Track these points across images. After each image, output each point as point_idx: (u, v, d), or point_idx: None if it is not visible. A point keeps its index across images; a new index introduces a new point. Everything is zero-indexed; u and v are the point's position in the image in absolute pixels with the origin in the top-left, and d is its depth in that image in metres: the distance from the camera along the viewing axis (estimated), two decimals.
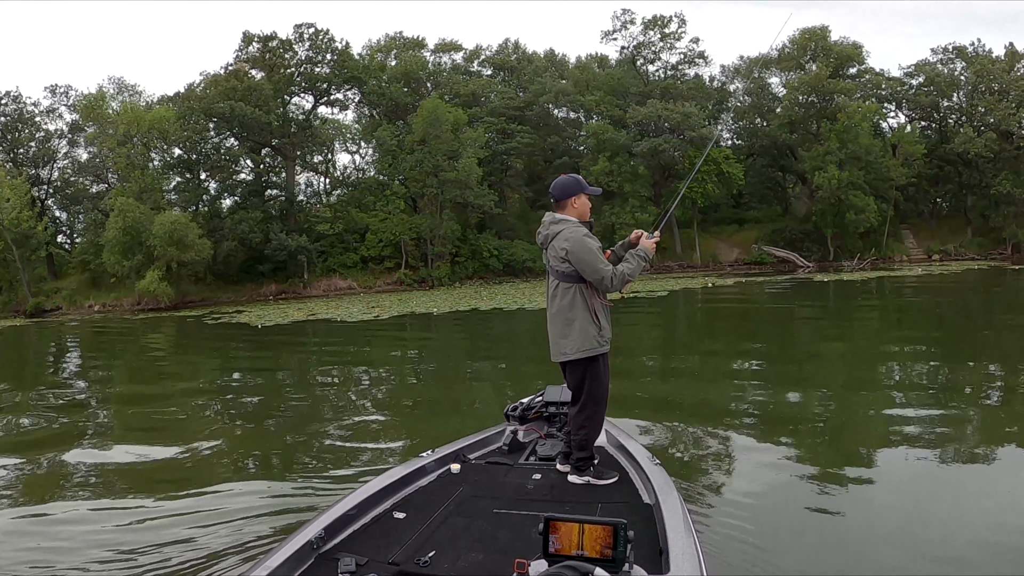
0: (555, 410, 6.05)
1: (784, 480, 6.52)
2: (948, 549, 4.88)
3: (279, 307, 38.49)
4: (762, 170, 60.90)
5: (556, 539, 3.08)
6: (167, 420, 11.21)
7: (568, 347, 4.87)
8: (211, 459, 8.53)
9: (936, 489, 6.19)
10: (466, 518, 4.21)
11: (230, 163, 51.95)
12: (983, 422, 8.48)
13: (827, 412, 9.43)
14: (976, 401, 9.64)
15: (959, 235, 56.63)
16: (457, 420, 9.42)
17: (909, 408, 9.21)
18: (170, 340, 27.56)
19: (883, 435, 7.93)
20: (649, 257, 4.97)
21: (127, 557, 5.33)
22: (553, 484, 4.87)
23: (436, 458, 5.15)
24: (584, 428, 4.90)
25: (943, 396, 9.95)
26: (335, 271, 50.16)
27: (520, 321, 25.42)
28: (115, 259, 44.06)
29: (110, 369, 19.62)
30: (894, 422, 8.49)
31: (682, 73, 59.29)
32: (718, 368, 13.50)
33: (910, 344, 15.45)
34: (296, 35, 53.28)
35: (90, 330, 33.87)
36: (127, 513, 6.44)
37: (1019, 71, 55.30)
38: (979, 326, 18.68)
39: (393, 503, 4.50)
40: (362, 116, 60.46)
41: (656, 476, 4.52)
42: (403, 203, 50.71)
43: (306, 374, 15.76)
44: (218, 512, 6.21)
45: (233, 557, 5.15)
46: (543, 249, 5.09)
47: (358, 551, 3.71)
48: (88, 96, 51.86)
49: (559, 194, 5.04)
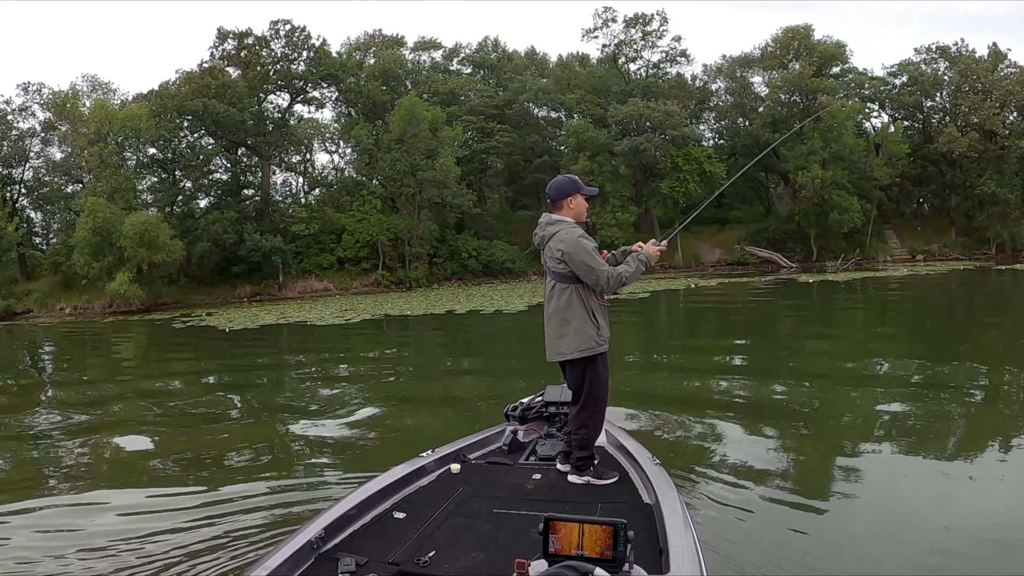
0: (555, 410, 6.06)
1: (782, 479, 6.56)
2: (936, 545, 4.95)
3: (252, 310, 37.74)
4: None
5: (556, 539, 3.08)
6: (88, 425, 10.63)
7: (565, 347, 4.89)
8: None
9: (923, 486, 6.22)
10: (466, 518, 4.21)
11: (204, 162, 51.02)
12: (967, 419, 8.59)
13: (821, 411, 9.41)
14: (960, 399, 9.62)
15: (943, 235, 56.42)
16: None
17: (899, 406, 9.23)
18: (131, 344, 26.82)
19: (874, 433, 8.01)
20: (651, 263, 5.03)
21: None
22: (553, 484, 4.88)
23: (436, 458, 5.14)
24: (584, 428, 4.93)
25: (936, 396, 9.85)
26: (311, 272, 49.40)
27: (498, 325, 24.71)
28: (85, 260, 43.20)
29: (50, 371, 18.85)
30: (886, 421, 8.51)
31: (664, 72, 59.04)
32: (702, 367, 13.25)
33: (904, 344, 15.41)
34: (272, 32, 52.54)
35: (55, 333, 33.19)
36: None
37: (1002, 71, 55.30)
38: (967, 325, 18.47)
39: (393, 503, 4.50)
40: (341, 115, 59.71)
41: (656, 476, 4.53)
42: (380, 203, 50.03)
43: (255, 383, 14.86)
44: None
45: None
46: (540, 250, 5.12)
47: (358, 551, 3.71)
48: (58, 94, 51.03)
49: (555, 195, 5.04)
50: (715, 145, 60.41)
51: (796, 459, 7.32)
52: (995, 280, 34.20)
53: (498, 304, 31.10)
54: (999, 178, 52.06)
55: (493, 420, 6.74)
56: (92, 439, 9.81)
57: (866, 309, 25.08)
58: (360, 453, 8.48)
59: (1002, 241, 53.49)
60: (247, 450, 8.76)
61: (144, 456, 8.83)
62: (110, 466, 8.49)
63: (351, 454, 8.50)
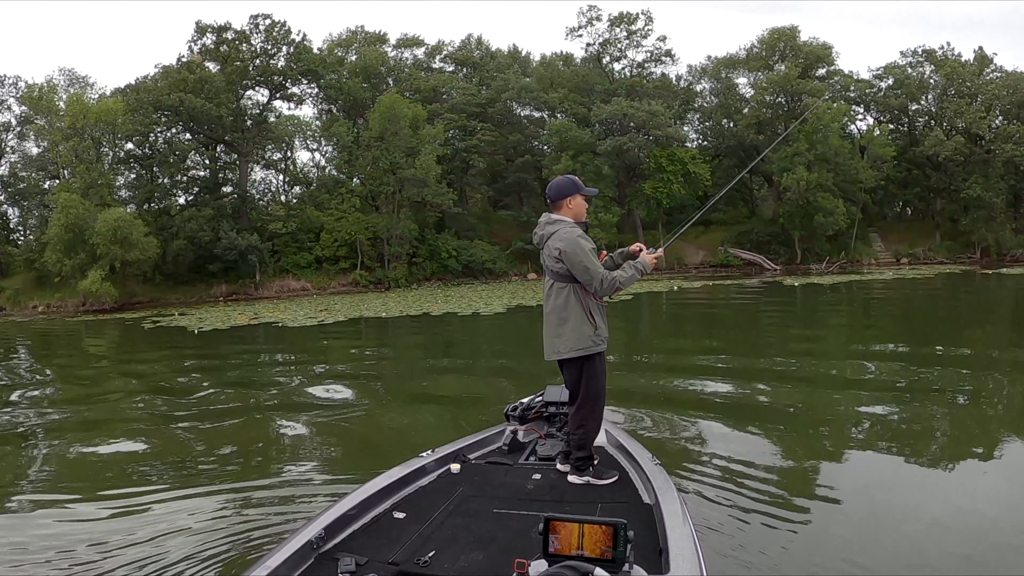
0: (555, 410, 6.07)
1: (782, 480, 6.55)
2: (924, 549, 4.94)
3: (226, 310, 37.05)
4: (729, 171, 59.87)
5: (556, 539, 3.08)
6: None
7: (561, 346, 4.92)
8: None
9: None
10: (466, 518, 4.20)
11: (181, 159, 50.30)
12: (950, 422, 8.61)
13: (816, 412, 9.41)
14: (945, 402, 9.59)
15: (927, 239, 56.29)
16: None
17: (899, 406, 9.25)
18: (94, 346, 26.04)
19: (874, 433, 8.03)
20: (647, 271, 5.05)
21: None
22: (553, 484, 4.86)
23: (436, 458, 5.12)
24: (582, 427, 4.94)
25: (931, 398, 9.80)
26: (288, 272, 48.81)
27: (475, 328, 24.08)
28: (57, 258, 42.56)
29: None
30: (886, 420, 8.56)
31: (648, 71, 58.72)
32: (686, 368, 13.21)
33: (894, 342, 15.39)
34: (251, 26, 51.84)
35: (28, 331, 32.44)
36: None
37: (988, 75, 55.27)
38: (966, 328, 18.23)
39: (393, 503, 4.48)
40: (322, 113, 59.04)
41: (656, 476, 4.52)
42: (360, 201, 49.40)
43: (208, 391, 14.13)
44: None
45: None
46: (539, 249, 5.14)
47: (358, 551, 3.70)
48: (33, 87, 50.24)
49: (555, 195, 5.07)
50: (699, 146, 60.20)
51: (796, 459, 7.30)
52: (982, 283, 34.12)
53: (476, 306, 30.56)
54: (984, 182, 51.93)
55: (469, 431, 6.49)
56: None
57: (852, 312, 24.73)
58: (326, 462, 8.08)
59: (987, 245, 53.36)
60: (238, 451, 8.60)
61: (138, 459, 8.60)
62: (96, 470, 8.22)
63: (322, 456, 8.40)
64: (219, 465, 8.05)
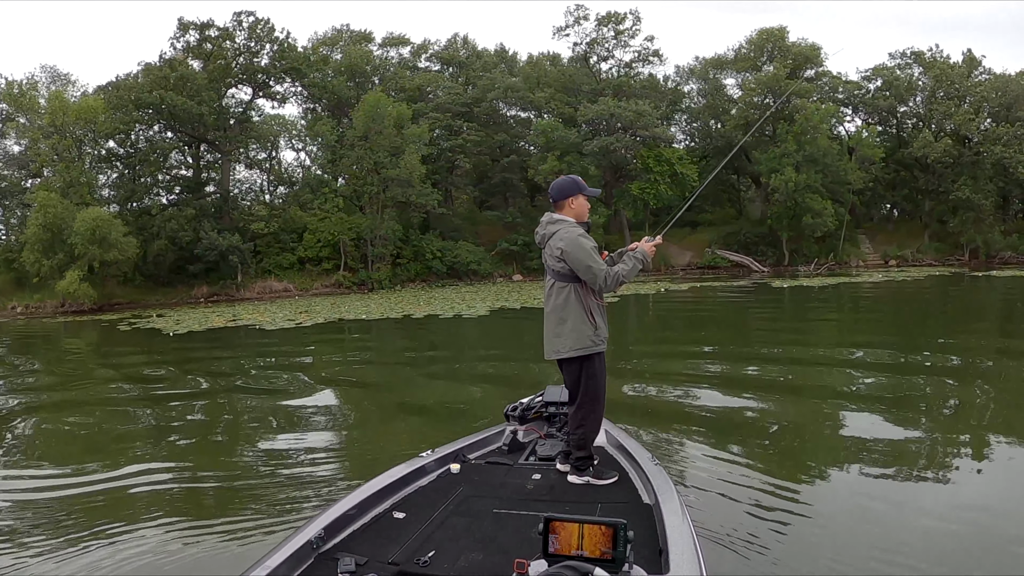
0: (555, 410, 6.07)
1: (783, 479, 6.51)
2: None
3: (205, 311, 36.45)
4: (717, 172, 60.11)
5: (556, 539, 3.07)
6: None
7: (561, 345, 4.94)
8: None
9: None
10: (466, 518, 4.21)
11: (162, 157, 49.64)
12: (942, 425, 8.62)
13: (813, 413, 9.48)
14: (932, 408, 9.62)
15: (915, 240, 56.23)
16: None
17: (897, 408, 9.25)
18: (65, 348, 25.54)
19: (864, 436, 7.94)
20: (647, 260, 5.06)
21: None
22: (553, 484, 4.87)
23: (436, 458, 5.12)
24: (582, 426, 4.95)
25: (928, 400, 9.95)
26: (271, 272, 48.18)
27: (458, 330, 23.63)
28: (35, 258, 41.84)
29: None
30: (872, 427, 8.42)
31: (636, 71, 58.36)
32: (678, 371, 13.04)
33: (889, 346, 15.27)
34: (235, 23, 51.15)
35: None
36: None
37: (977, 77, 55.28)
38: (962, 333, 17.80)
39: (393, 503, 4.48)
40: (307, 112, 58.48)
41: (656, 476, 4.53)
42: (343, 201, 48.85)
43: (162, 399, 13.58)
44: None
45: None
46: (540, 248, 5.16)
47: (358, 551, 3.70)
48: (12, 84, 49.57)
49: (557, 195, 5.09)
50: (687, 147, 59.96)
51: (795, 460, 7.32)
52: (972, 285, 33.94)
53: (459, 308, 30.06)
54: (973, 184, 51.98)
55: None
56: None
57: (840, 316, 24.49)
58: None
59: (976, 247, 53.34)
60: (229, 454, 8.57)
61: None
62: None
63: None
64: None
